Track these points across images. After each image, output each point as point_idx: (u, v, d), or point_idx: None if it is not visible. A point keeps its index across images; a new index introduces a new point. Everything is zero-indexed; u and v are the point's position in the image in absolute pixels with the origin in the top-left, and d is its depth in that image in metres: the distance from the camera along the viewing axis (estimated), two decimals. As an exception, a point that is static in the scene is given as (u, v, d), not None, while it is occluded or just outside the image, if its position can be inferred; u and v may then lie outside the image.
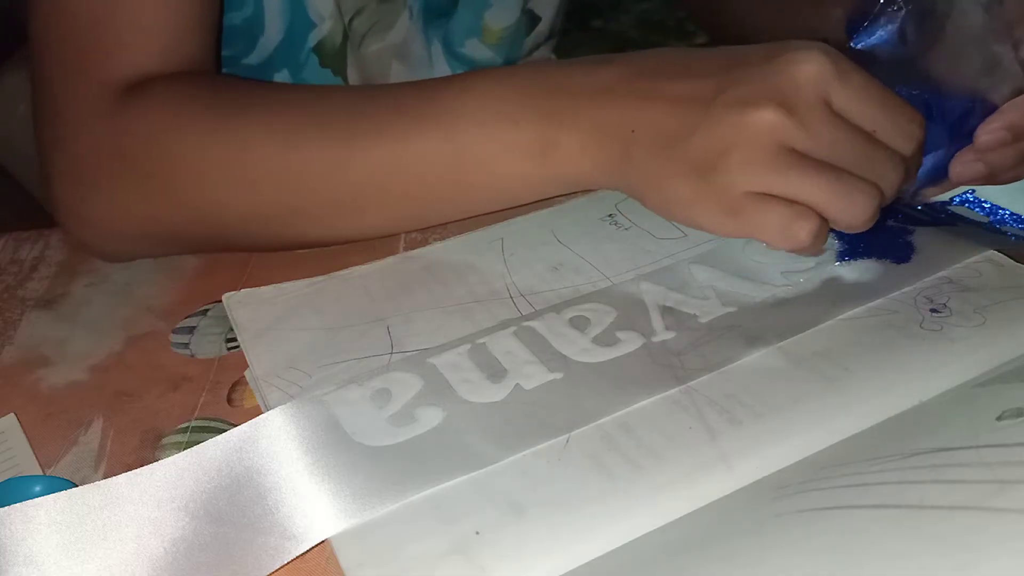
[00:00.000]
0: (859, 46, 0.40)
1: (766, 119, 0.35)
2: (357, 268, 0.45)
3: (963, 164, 0.42)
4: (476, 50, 0.65)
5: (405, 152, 0.43)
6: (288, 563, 0.30)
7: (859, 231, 0.38)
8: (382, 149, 0.43)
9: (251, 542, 0.30)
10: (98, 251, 0.49)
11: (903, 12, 0.39)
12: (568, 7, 0.72)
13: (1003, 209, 0.46)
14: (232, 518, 0.31)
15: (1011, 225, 0.45)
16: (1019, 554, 0.23)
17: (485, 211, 0.46)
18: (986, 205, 0.46)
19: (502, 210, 0.46)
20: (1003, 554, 0.23)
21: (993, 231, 0.44)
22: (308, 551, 0.30)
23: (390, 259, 0.45)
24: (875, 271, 0.41)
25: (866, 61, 0.38)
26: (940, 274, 0.40)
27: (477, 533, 0.30)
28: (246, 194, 0.44)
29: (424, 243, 0.47)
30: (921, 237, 0.43)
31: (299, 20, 0.58)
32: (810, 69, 0.36)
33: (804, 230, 0.36)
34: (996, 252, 0.41)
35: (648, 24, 2.50)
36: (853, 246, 0.43)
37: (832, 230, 0.44)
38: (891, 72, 0.39)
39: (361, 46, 0.61)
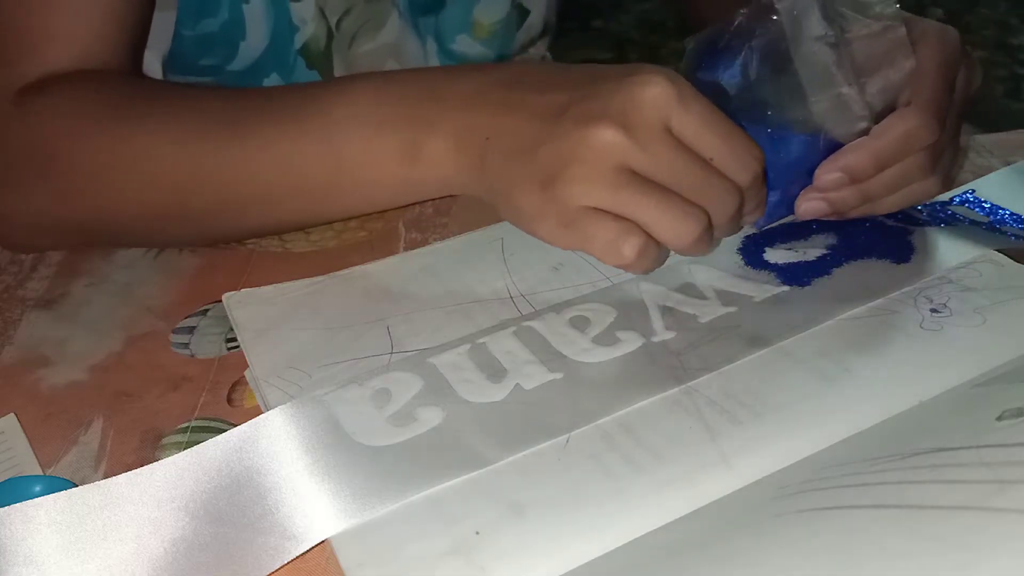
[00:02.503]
0: (707, 76, 0.40)
1: (605, 136, 0.36)
2: (357, 268, 0.45)
3: (807, 201, 0.43)
4: (467, 46, 0.66)
5: (285, 154, 0.44)
6: (288, 563, 0.30)
7: (688, 254, 0.39)
8: (262, 153, 0.44)
9: (251, 542, 0.30)
10: (11, 246, 0.50)
11: (752, 45, 0.40)
12: (566, 5, 0.72)
13: (1003, 209, 0.46)
14: (232, 518, 0.31)
15: (1011, 225, 0.45)
16: (1019, 554, 0.23)
17: (364, 212, 0.47)
18: (986, 205, 0.46)
19: (382, 212, 0.47)
20: (1003, 554, 0.23)
21: (993, 231, 0.44)
22: (308, 551, 0.30)
23: (390, 259, 0.45)
24: (875, 271, 0.41)
25: (714, 92, 0.39)
26: (940, 274, 0.40)
27: (477, 533, 0.30)
28: (136, 194, 0.45)
29: (424, 243, 0.47)
30: (921, 237, 0.43)
31: (282, 24, 0.58)
32: (654, 92, 0.37)
33: (628, 245, 0.37)
34: (996, 252, 0.41)
35: (648, 24, 2.50)
36: (850, 246, 0.43)
37: (832, 230, 0.44)
38: (738, 106, 0.40)
39: (352, 46, 0.61)
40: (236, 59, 0.59)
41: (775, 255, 0.43)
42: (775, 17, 0.39)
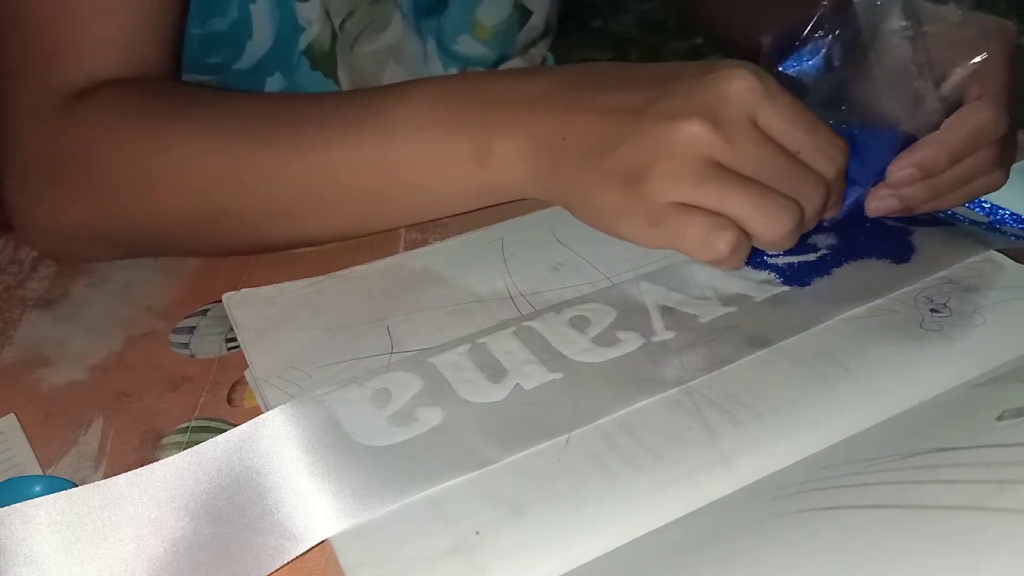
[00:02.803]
0: (786, 70, 0.40)
1: (692, 131, 0.36)
2: (357, 268, 0.45)
3: (878, 199, 0.43)
4: (469, 47, 0.66)
5: (340, 160, 0.43)
6: (288, 563, 0.30)
7: (778, 249, 0.39)
8: (317, 157, 0.43)
9: (251, 542, 0.30)
10: (48, 254, 0.50)
11: (829, 39, 0.40)
12: (566, 5, 0.72)
13: (1003, 209, 0.46)
14: (232, 518, 0.31)
15: (1011, 225, 0.45)
16: (1019, 554, 0.23)
17: (418, 220, 0.47)
18: (986, 205, 0.46)
19: (451, 216, 0.46)
20: (1003, 554, 0.23)
21: (993, 231, 0.44)
22: (308, 551, 0.30)
23: (390, 259, 0.45)
24: (875, 271, 0.41)
25: (792, 86, 0.39)
26: (940, 274, 0.40)
27: (477, 533, 0.30)
28: (181, 201, 0.45)
29: (424, 243, 0.47)
30: (921, 237, 0.43)
31: (287, 24, 0.58)
32: (739, 86, 0.36)
33: (723, 240, 0.36)
34: (996, 252, 0.41)
35: (648, 24, 2.50)
36: (850, 246, 0.43)
37: (832, 230, 0.44)
38: (816, 100, 0.40)
39: (354, 47, 0.61)
40: (242, 58, 0.59)
41: (775, 255, 0.42)
42: (853, 11, 0.39)
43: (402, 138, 0.42)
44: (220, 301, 0.43)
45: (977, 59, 0.41)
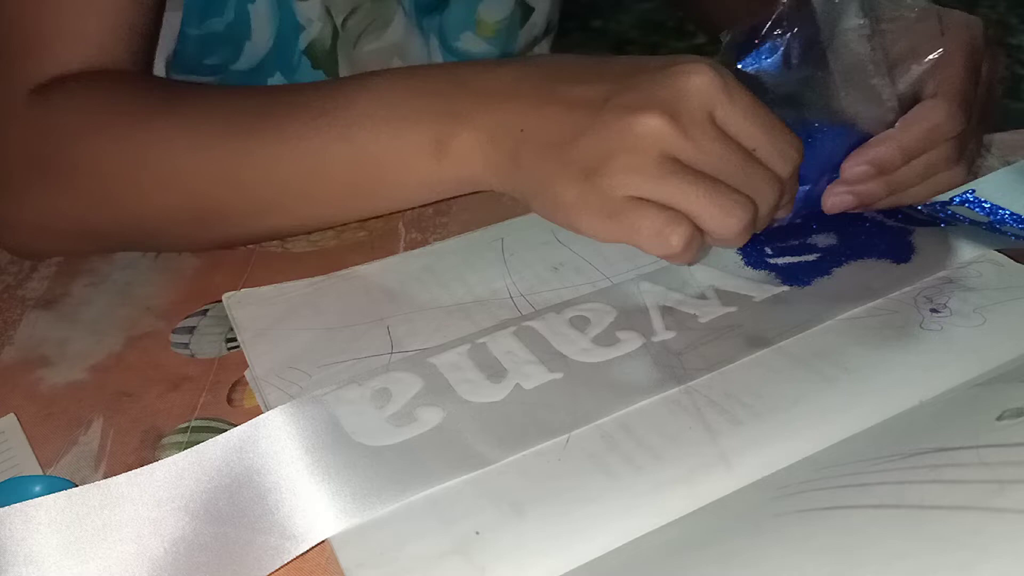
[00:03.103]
0: (745, 68, 0.40)
1: (650, 125, 0.36)
2: (357, 268, 0.45)
3: (833, 195, 0.43)
4: (471, 43, 0.66)
5: (305, 151, 0.43)
6: (288, 563, 0.30)
7: (732, 245, 0.39)
8: (281, 149, 0.43)
9: (251, 542, 0.30)
10: (17, 251, 0.50)
11: (788, 37, 0.40)
12: (566, 5, 0.72)
13: (1003, 209, 0.46)
14: (232, 518, 0.31)
15: (1011, 225, 0.45)
16: (1019, 554, 0.23)
17: (387, 211, 0.46)
18: (986, 205, 0.46)
19: (404, 210, 0.46)
20: (1003, 554, 0.23)
21: (993, 231, 0.44)
22: (308, 551, 0.30)
23: (390, 259, 0.45)
24: (875, 271, 0.41)
25: (751, 83, 0.39)
26: (940, 274, 0.40)
27: (477, 533, 0.30)
28: (154, 195, 0.45)
29: (424, 243, 0.47)
30: (921, 237, 0.43)
31: (287, 23, 0.58)
32: (698, 81, 0.36)
33: (676, 235, 0.36)
34: (996, 252, 0.41)
35: (648, 24, 2.50)
36: (850, 246, 0.43)
37: (832, 230, 0.44)
38: (774, 98, 0.40)
39: (357, 46, 0.61)
40: (241, 59, 0.59)
41: (775, 255, 0.42)
42: (812, 9, 0.40)
43: (363, 130, 0.42)
44: (220, 301, 0.43)
45: (933, 55, 0.41)
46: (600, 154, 0.37)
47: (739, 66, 0.41)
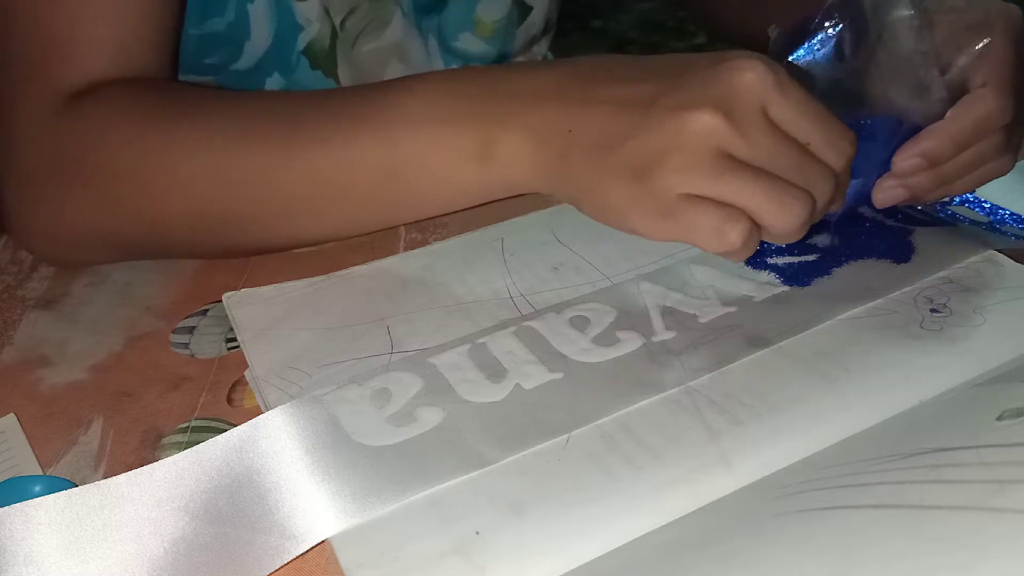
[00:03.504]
0: (796, 61, 0.40)
1: (704, 123, 0.36)
2: (357, 268, 0.45)
3: (884, 190, 0.43)
4: (470, 43, 0.65)
5: (342, 156, 0.42)
6: (288, 563, 0.30)
7: (790, 240, 0.38)
8: (318, 153, 0.43)
9: (251, 542, 0.30)
10: (45, 256, 0.49)
11: (839, 30, 0.40)
12: (566, 5, 0.72)
13: (1003, 209, 0.46)
14: (232, 518, 0.31)
15: (1011, 225, 0.45)
16: (1019, 554, 0.23)
17: (426, 216, 0.46)
18: (986, 205, 0.46)
19: (451, 213, 0.46)
20: (1003, 554, 0.23)
21: (993, 231, 0.44)
22: (308, 551, 0.30)
23: (390, 259, 0.45)
24: (875, 271, 0.41)
25: (801, 76, 0.39)
26: (940, 274, 0.40)
27: (477, 533, 0.30)
28: (181, 201, 0.44)
29: (424, 243, 0.47)
30: (921, 237, 0.43)
31: (286, 23, 0.58)
32: (751, 77, 0.36)
33: (735, 231, 0.36)
34: (996, 252, 0.41)
35: (648, 24, 2.50)
36: (850, 246, 0.43)
37: (832, 230, 0.44)
38: (824, 91, 0.40)
39: (355, 46, 0.61)
40: (240, 59, 0.59)
41: (775, 255, 0.42)
42: (861, 1, 0.40)
43: (404, 134, 0.42)
44: (220, 301, 0.43)
45: (980, 45, 0.41)
46: (653, 153, 0.36)
47: (790, 59, 0.41)
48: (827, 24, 0.40)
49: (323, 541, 0.31)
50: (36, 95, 0.46)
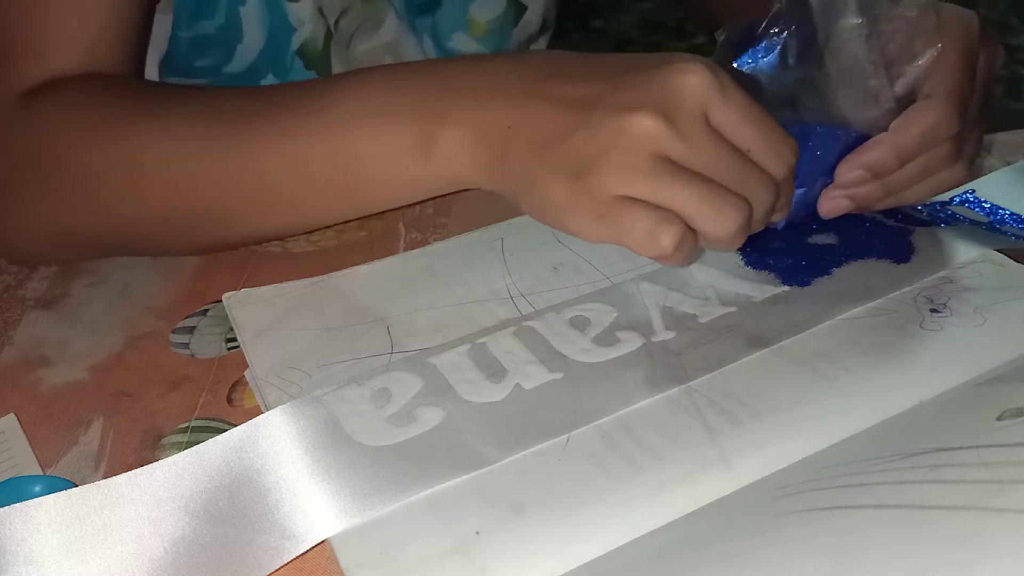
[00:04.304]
0: (741, 66, 0.40)
1: (644, 125, 0.35)
2: (357, 268, 0.45)
3: (829, 200, 0.42)
4: (464, 44, 0.65)
5: (291, 151, 0.42)
6: (288, 563, 0.30)
7: (726, 248, 0.38)
8: (267, 149, 0.42)
9: (251, 542, 0.30)
10: (13, 258, 0.49)
11: (785, 36, 0.40)
12: (566, 5, 0.72)
13: (1003, 209, 0.46)
14: (232, 518, 0.31)
15: (1011, 225, 0.45)
16: (1019, 554, 0.23)
17: (376, 210, 0.46)
18: (986, 205, 0.46)
19: (395, 209, 0.46)
20: (1003, 554, 0.23)
21: (993, 231, 0.44)
22: (308, 551, 0.30)
23: (390, 259, 0.45)
24: (875, 271, 0.41)
25: (746, 82, 0.39)
26: (940, 274, 0.40)
27: (477, 533, 0.30)
28: (139, 198, 0.44)
29: (424, 243, 0.47)
30: (921, 237, 0.43)
31: (279, 25, 0.58)
32: (693, 81, 0.36)
33: (667, 235, 0.36)
34: (996, 252, 0.41)
35: (648, 24, 2.50)
36: (850, 246, 0.43)
37: (832, 230, 0.44)
38: (770, 97, 0.39)
39: (350, 46, 0.61)
40: (233, 61, 0.59)
41: (775, 255, 0.42)
42: (809, 8, 0.39)
43: (349, 129, 0.41)
44: (220, 301, 0.43)
45: (929, 54, 0.41)
46: (591, 153, 0.36)
47: (735, 64, 0.40)
48: (773, 30, 0.40)
49: (323, 541, 0.31)
50: (1, 90, 0.46)
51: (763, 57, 0.40)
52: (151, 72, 0.59)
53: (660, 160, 0.36)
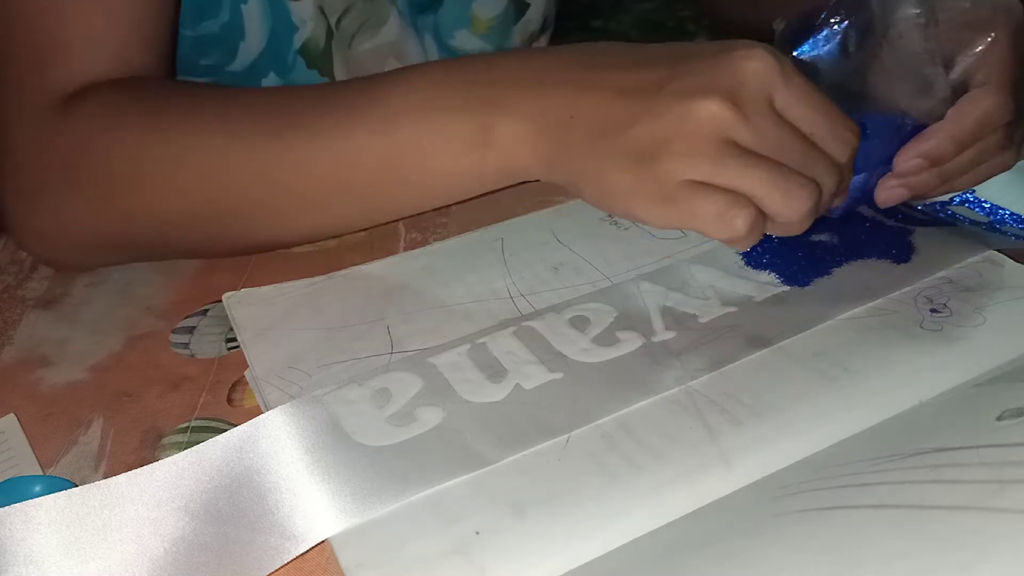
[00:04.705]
0: (801, 55, 0.41)
1: (710, 110, 0.36)
2: (357, 268, 0.45)
3: (887, 189, 0.43)
4: (466, 41, 0.65)
5: (340, 148, 0.42)
6: (288, 563, 0.30)
7: (796, 230, 0.38)
8: (314, 146, 0.42)
9: (251, 542, 0.30)
10: (47, 260, 0.49)
11: (844, 26, 0.40)
12: (566, 5, 0.72)
13: (1003, 209, 0.46)
14: (232, 518, 0.31)
15: (1011, 225, 0.45)
16: (1019, 554, 0.23)
17: (428, 207, 0.46)
18: (986, 205, 0.46)
19: (447, 205, 0.45)
20: (1003, 554, 0.23)
21: (993, 231, 0.44)
22: (308, 551, 0.30)
23: (390, 259, 0.45)
24: (875, 271, 0.41)
25: (806, 70, 0.39)
26: (940, 274, 0.40)
27: (477, 533, 0.30)
28: (179, 201, 0.44)
29: (424, 243, 0.47)
30: (921, 237, 0.43)
31: (281, 24, 0.58)
32: (757, 66, 0.36)
33: (740, 218, 0.36)
34: (996, 252, 0.41)
35: (648, 24, 2.50)
36: (850, 246, 0.43)
37: (832, 230, 0.44)
38: (828, 86, 0.40)
39: (352, 45, 0.61)
40: (236, 60, 0.59)
41: (775, 255, 0.42)
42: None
43: (401, 124, 0.41)
44: (220, 301, 0.43)
45: (982, 43, 0.41)
46: (657, 139, 0.36)
47: (795, 53, 0.41)
48: (833, 20, 0.40)
49: (323, 541, 0.31)
50: (31, 95, 0.46)
51: (823, 46, 0.40)
52: None
53: (727, 144, 0.36)
